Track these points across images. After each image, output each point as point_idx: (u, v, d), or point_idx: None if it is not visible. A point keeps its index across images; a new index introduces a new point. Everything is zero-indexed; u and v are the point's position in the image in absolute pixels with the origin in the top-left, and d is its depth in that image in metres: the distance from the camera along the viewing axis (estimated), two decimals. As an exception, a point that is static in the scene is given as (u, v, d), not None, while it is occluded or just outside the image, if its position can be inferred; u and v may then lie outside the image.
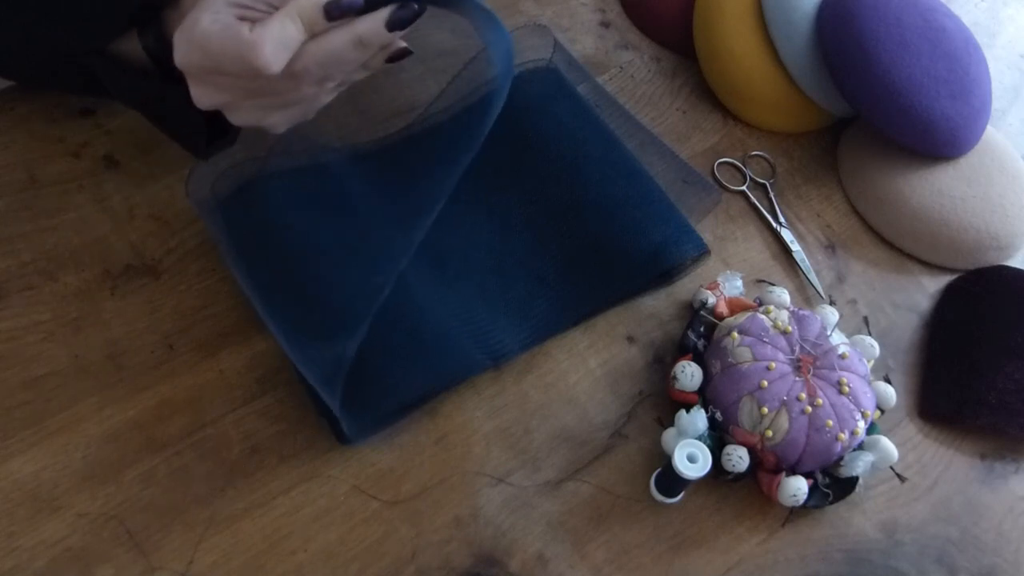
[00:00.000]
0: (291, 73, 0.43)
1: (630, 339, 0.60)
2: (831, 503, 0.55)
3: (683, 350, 0.59)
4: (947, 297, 0.67)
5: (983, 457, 0.60)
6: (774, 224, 0.68)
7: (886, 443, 0.55)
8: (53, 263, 0.56)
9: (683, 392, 0.56)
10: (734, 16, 0.71)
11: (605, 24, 0.77)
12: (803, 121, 0.73)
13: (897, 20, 0.68)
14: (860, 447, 0.56)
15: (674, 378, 0.56)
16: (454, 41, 0.72)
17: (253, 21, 0.42)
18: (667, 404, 0.58)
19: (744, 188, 0.69)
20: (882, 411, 0.58)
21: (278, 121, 0.48)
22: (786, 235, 0.67)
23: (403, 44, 0.47)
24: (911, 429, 0.61)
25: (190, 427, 0.52)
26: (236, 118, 0.47)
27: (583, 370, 0.59)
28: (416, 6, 0.44)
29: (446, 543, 0.51)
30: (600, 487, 0.55)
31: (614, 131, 0.66)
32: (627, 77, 0.74)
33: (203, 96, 0.45)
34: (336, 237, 0.56)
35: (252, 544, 0.49)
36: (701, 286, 0.62)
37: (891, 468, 0.57)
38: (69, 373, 0.52)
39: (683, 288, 0.63)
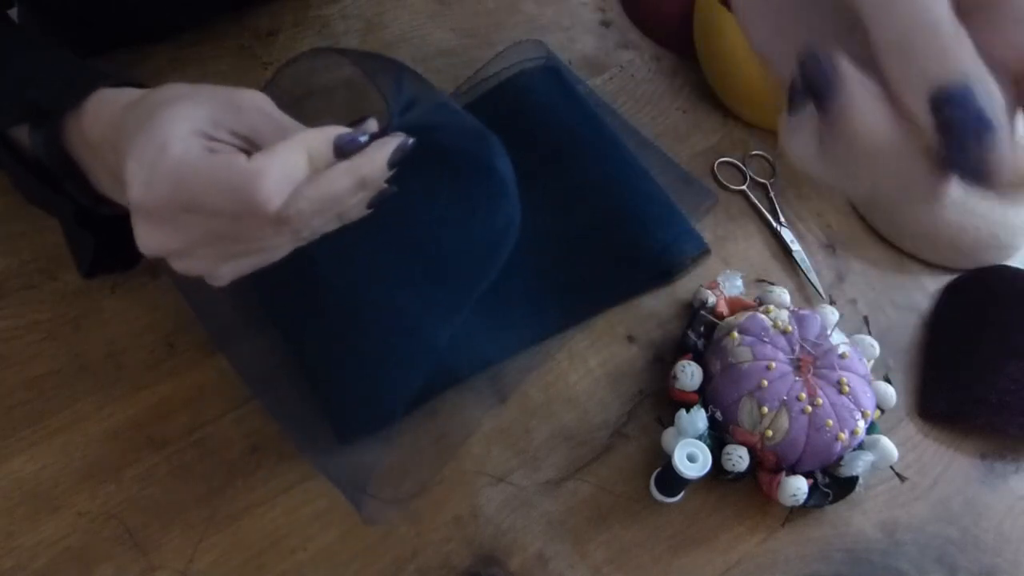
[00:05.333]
0: (280, 216, 0.36)
1: (630, 339, 0.60)
2: (831, 503, 0.55)
3: (683, 349, 0.59)
4: (947, 297, 0.67)
5: (983, 457, 0.60)
6: (774, 224, 0.68)
7: (886, 443, 0.55)
8: (53, 262, 0.56)
9: (683, 391, 0.56)
10: (734, 16, 0.71)
11: (605, 24, 0.77)
12: (803, 121, 0.73)
13: (897, 20, 0.68)
14: (860, 447, 0.55)
15: (674, 377, 0.57)
16: (454, 41, 0.72)
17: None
18: (667, 404, 0.58)
19: (744, 188, 0.69)
20: (882, 411, 0.58)
21: (226, 273, 0.40)
22: (786, 235, 0.67)
23: (386, 184, 0.41)
24: (911, 429, 0.61)
25: (190, 426, 0.52)
26: (183, 265, 0.39)
27: (583, 370, 0.59)
28: (412, 139, 0.39)
29: (446, 542, 0.51)
30: (600, 487, 0.55)
31: (615, 131, 0.66)
32: (627, 77, 0.74)
33: (153, 239, 0.37)
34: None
35: (252, 543, 0.49)
36: (701, 285, 0.62)
37: (891, 468, 0.57)
38: (69, 372, 0.52)
39: (683, 288, 0.63)
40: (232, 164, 0.35)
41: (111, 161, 0.40)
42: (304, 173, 0.36)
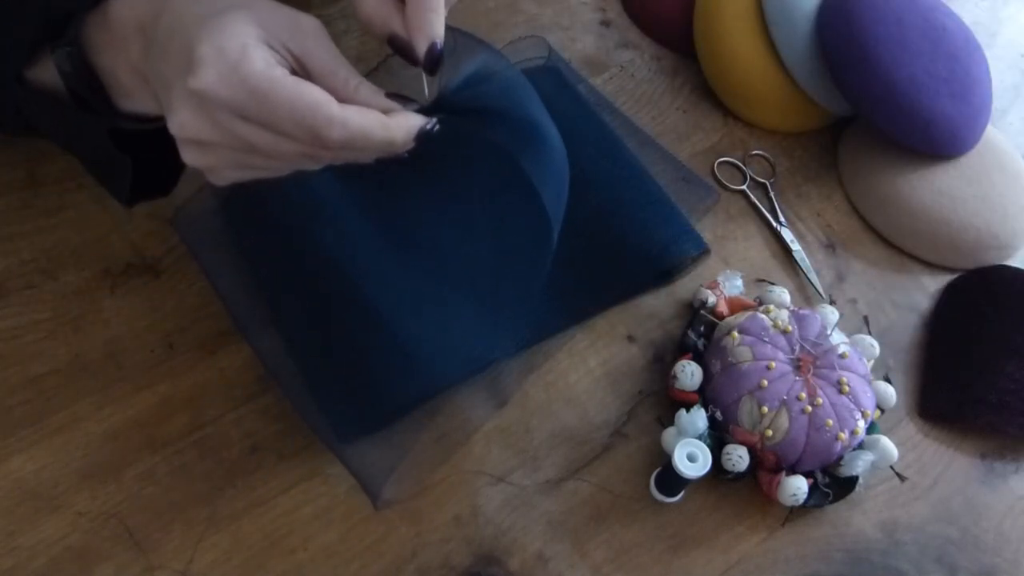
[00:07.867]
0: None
1: (630, 339, 0.60)
2: (831, 502, 0.55)
3: (683, 349, 0.59)
4: (947, 297, 0.67)
5: (983, 457, 0.60)
6: (774, 223, 0.68)
7: (886, 442, 0.55)
8: (53, 262, 0.56)
9: (683, 391, 0.56)
10: (734, 16, 0.71)
11: (605, 23, 0.77)
12: (803, 120, 0.73)
13: (897, 20, 0.68)
14: (860, 446, 0.56)
15: (674, 377, 0.57)
16: (454, 40, 0.72)
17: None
18: (667, 403, 0.58)
19: (744, 187, 0.69)
20: (882, 410, 0.58)
21: (231, 177, 0.41)
22: (786, 234, 0.67)
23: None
24: (911, 429, 0.61)
25: (190, 426, 0.52)
26: (197, 157, 0.39)
27: (583, 369, 0.59)
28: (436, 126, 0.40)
29: (446, 542, 0.51)
30: (600, 486, 0.55)
31: (615, 130, 0.66)
32: (627, 76, 0.74)
33: (192, 125, 0.37)
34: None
35: (252, 543, 0.49)
36: (701, 285, 0.62)
37: (891, 468, 0.57)
38: (69, 372, 0.52)
39: (683, 287, 0.63)
40: (321, 102, 0.36)
41: (135, 55, 0.40)
42: (376, 145, 0.38)
